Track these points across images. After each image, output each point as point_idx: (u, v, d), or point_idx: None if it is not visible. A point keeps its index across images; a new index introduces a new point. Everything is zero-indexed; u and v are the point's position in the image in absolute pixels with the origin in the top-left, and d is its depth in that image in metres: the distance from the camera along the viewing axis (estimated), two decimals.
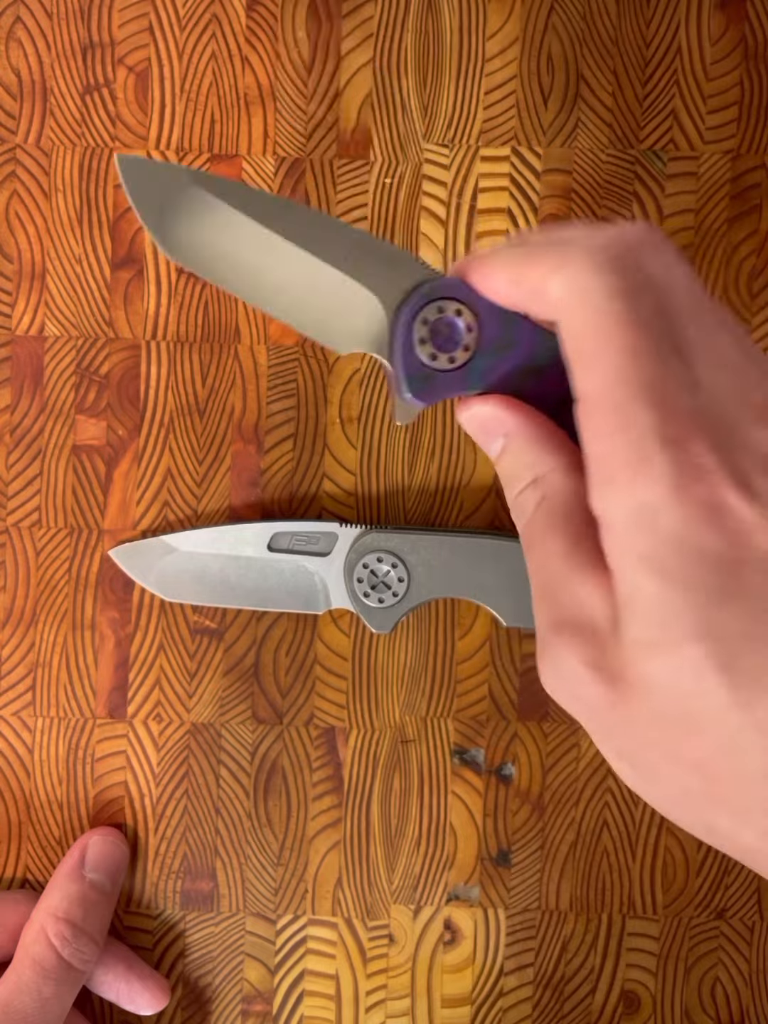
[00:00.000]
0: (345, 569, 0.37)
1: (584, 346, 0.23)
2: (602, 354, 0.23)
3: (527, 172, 0.38)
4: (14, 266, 0.38)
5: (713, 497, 0.21)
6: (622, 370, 0.22)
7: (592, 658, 0.23)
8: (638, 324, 0.23)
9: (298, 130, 0.38)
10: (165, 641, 0.38)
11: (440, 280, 0.28)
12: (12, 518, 0.38)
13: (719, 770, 0.21)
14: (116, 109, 0.38)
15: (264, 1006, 0.39)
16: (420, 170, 0.38)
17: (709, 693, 0.21)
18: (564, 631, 0.23)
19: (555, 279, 0.23)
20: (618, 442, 0.22)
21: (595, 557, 0.23)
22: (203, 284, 0.38)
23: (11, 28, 0.38)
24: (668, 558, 0.22)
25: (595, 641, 0.23)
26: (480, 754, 0.39)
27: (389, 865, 0.39)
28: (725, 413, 0.22)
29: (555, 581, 0.24)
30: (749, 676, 0.21)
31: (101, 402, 0.38)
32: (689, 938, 0.39)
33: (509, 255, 0.25)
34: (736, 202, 0.38)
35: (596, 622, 0.23)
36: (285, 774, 0.39)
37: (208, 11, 0.38)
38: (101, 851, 0.37)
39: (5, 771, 0.39)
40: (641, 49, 0.38)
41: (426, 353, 0.28)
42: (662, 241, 0.24)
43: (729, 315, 0.24)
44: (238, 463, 0.39)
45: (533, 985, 0.39)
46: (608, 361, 0.23)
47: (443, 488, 0.39)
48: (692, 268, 0.24)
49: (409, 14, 0.38)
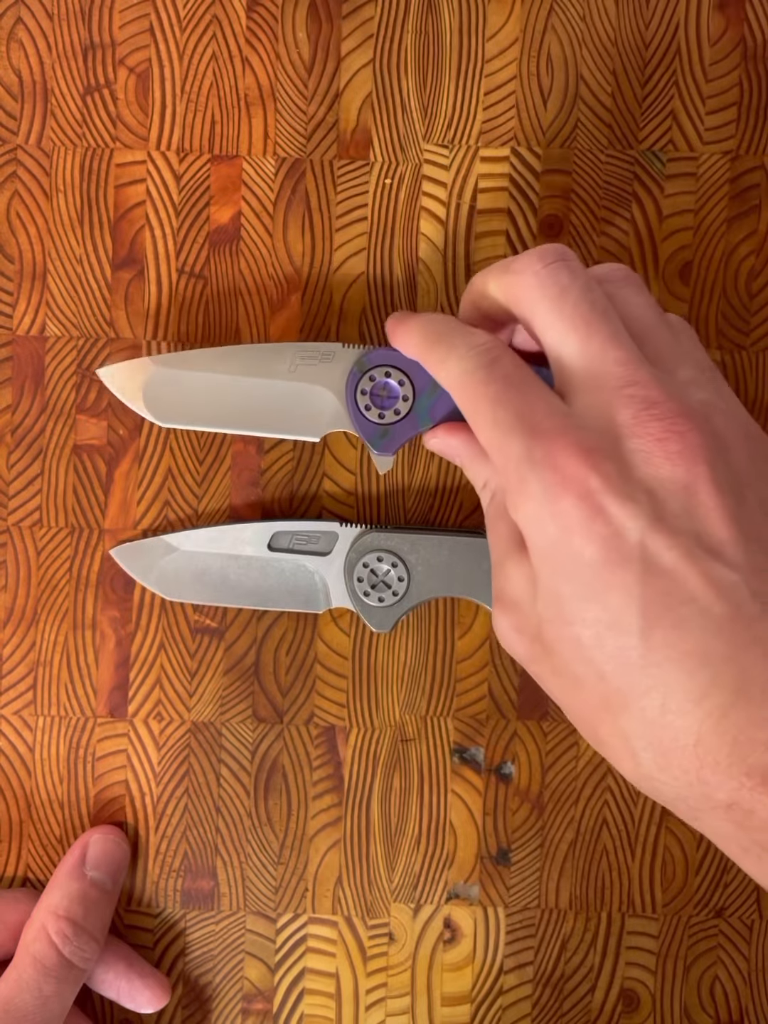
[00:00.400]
0: (345, 568, 0.37)
1: (466, 409, 0.30)
2: (476, 412, 0.29)
3: (527, 172, 0.38)
4: (15, 266, 0.38)
5: (586, 505, 0.26)
6: (494, 417, 0.29)
7: (517, 624, 0.29)
8: (493, 380, 0.29)
9: (298, 131, 0.38)
10: (166, 640, 0.39)
11: (367, 355, 0.35)
12: (13, 518, 0.38)
13: (598, 708, 0.28)
14: (117, 110, 0.38)
15: (264, 1004, 0.39)
16: (420, 170, 0.38)
17: (588, 663, 0.27)
18: (500, 601, 0.30)
19: (441, 371, 0.31)
20: (505, 471, 0.28)
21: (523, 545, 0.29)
22: (204, 284, 0.38)
23: (12, 29, 0.38)
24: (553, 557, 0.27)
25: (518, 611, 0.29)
26: (480, 753, 0.39)
27: (389, 864, 0.39)
28: (598, 428, 0.27)
29: (498, 561, 0.30)
30: (613, 655, 0.26)
31: (102, 402, 0.38)
32: (688, 937, 0.39)
33: (419, 335, 0.33)
34: (735, 202, 0.39)
35: (519, 596, 0.29)
36: (285, 773, 0.39)
37: (208, 12, 0.38)
38: (102, 849, 0.37)
39: (6, 770, 0.39)
40: (640, 50, 0.38)
41: (374, 415, 0.35)
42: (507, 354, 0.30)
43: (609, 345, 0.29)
44: (238, 463, 0.39)
45: (533, 983, 0.39)
46: (481, 415, 0.29)
47: (443, 488, 0.39)
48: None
49: (409, 15, 0.38)
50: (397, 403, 0.35)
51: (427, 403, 0.35)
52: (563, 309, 0.29)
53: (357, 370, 0.35)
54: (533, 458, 0.27)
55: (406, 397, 0.35)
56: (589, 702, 0.28)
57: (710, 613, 0.26)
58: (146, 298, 0.38)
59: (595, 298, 0.29)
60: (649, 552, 0.26)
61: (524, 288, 0.30)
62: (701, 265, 0.39)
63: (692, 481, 0.26)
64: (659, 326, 0.30)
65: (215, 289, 0.38)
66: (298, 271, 0.38)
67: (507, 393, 0.29)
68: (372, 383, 0.35)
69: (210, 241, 0.38)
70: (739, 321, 0.39)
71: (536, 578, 0.28)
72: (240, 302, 0.38)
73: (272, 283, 0.38)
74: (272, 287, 0.38)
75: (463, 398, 0.30)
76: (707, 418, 0.28)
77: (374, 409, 0.35)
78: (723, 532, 0.26)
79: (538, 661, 0.29)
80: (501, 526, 0.30)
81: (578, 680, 0.28)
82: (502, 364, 0.30)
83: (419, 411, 0.35)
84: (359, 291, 0.38)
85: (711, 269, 0.39)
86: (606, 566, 0.26)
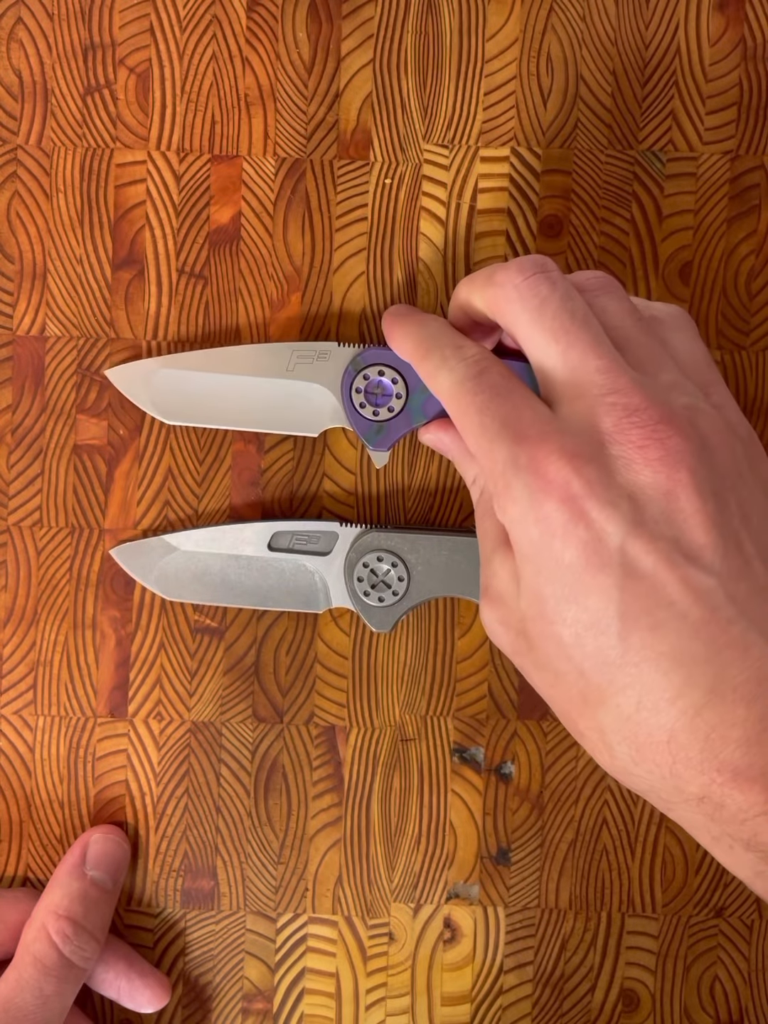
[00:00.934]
0: (345, 568, 0.37)
1: (456, 418, 0.31)
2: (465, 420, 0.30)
3: (527, 172, 0.38)
4: (15, 266, 0.38)
5: (568, 509, 0.27)
6: (481, 424, 0.29)
7: (502, 617, 0.30)
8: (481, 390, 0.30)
9: (298, 131, 0.38)
10: (166, 640, 0.39)
11: (361, 354, 0.36)
12: (13, 517, 0.39)
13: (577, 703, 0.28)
14: (117, 110, 0.38)
15: (264, 1004, 0.39)
16: (420, 170, 0.38)
17: (568, 660, 0.28)
18: (486, 595, 0.31)
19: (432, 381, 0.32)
20: (492, 475, 0.29)
21: (509, 543, 0.30)
22: (204, 285, 0.38)
23: (12, 29, 0.38)
24: (536, 559, 0.28)
25: (504, 605, 0.30)
26: (480, 753, 0.39)
27: (389, 863, 0.39)
28: (582, 435, 0.28)
29: (485, 556, 0.31)
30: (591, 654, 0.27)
31: (102, 402, 0.38)
32: (688, 936, 0.39)
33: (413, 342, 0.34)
34: (735, 202, 0.39)
35: (504, 591, 0.30)
36: (285, 772, 0.39)
37: (209, 12, 0.38)
38: (102, 849, 0.37)
39: (6, 769, 0.39)
40: (640, 50, 0.38)
41: (369, 412, 0.36)
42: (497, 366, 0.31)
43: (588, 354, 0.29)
44: (239, 463, 0.39)
45: (533, 983, 0.39)
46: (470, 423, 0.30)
47: (443, 488, 0.39)
48: None
49: (409, 15, 0.38)
50: (391, 400, 0.36)
51: (420, 400, 0.36)
52: (543, 320, 0.29)
53: (352, 369, 0.36)
54: (518, 463, 0.28)
55: (399, 395, 0.36)
56: (569, 696, 0.29)
57: (687, 617, 0.26)
58: (146, 298, 0.38)
59: (575, 307, 0.29)
60: (628, 557, 0.27)
61: (505, 301, 0.30)
62: (701, 265, 0.39)
63: (672, 487, 0.27)
64: (640, 332, 0.30)
65: (215, 289, 0.38)
66: (298, 271, 0.38)
67: (494, 402, 0.30)
68: (366, 381, 0.36)
69: (210, 241, 0.38)
70: (739, 321, 0.39)
71: (520, 577, 0.29)
72: (240, 302, 0.38)
73: (272, 283, 0.38)
74: (272, 287, 0.38)
75: (453, 407, 0.31)
76: (690, 422, 0.28)
77: (369, 406, 0.36)
78: (702, 537, 0.27)
79: (522, 654, 0.30)
80: (488, 523, 0.31)
81: (559, 675, 0.29)
82: (490, 375, 0.30)
83: (412, 408, 0.36)
84: (359, 291, 0.38)
85: (711, 269, 0.39)
86: (586, 569, 0.27)
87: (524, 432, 0.28)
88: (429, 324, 0.34)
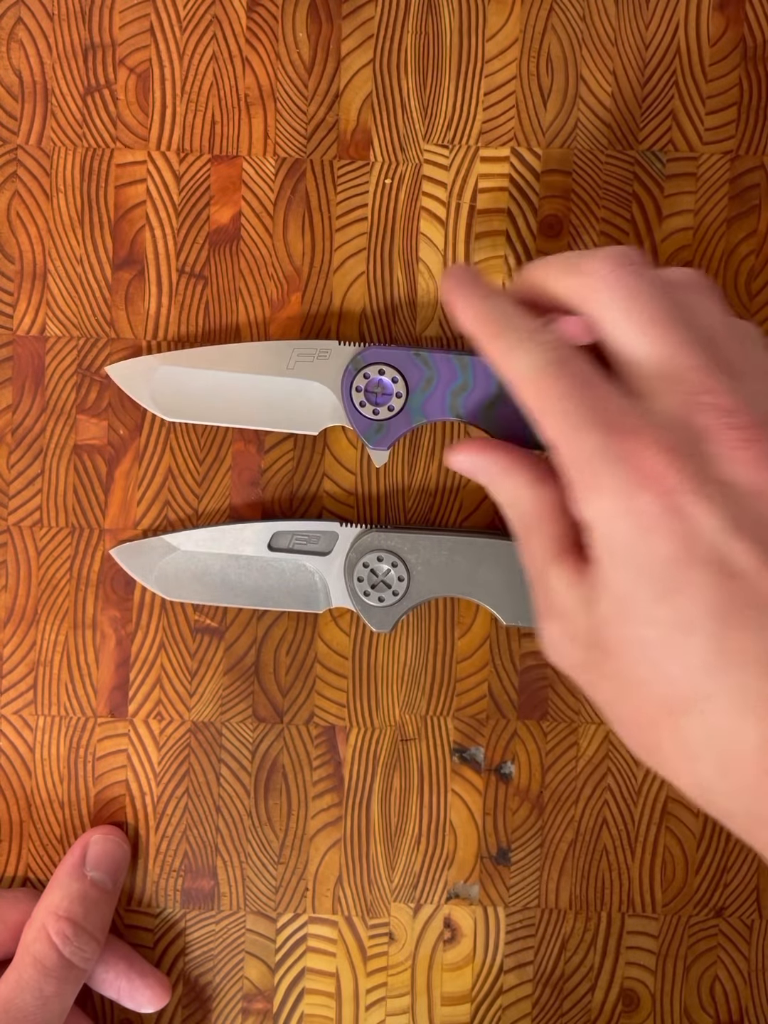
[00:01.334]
0: (345, 568, 0.37)
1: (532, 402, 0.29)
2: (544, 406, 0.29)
3: (527, 173, 0.38)
4: (15, 266, 0.38)
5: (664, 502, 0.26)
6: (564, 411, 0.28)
7: (569, 631, 0.29)
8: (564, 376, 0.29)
9: (298, 131, 0.38)
10: (166, 640, 0.39)
11: (362, 353, 0.36)
12: (13, 517, 0.39)
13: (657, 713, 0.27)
14: (117, 110, 0.38)
15: (264, 1004, 0.39)
16: (420, 170, 0.38)
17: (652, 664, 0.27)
18: (547, 612, 0.30)
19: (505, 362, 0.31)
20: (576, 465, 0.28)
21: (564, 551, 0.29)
22: (204, 285, 0.38)
23: (12, 29, 0.38)
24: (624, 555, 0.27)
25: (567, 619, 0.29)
26: (480, 753, 0.39)
27: (389, 863, 0.39)
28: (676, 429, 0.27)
29: (537, 575, 0.30)
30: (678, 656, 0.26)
31: (102, 402, 0.38)
32: (688, 936, 0.39)
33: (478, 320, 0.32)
34: (735, 202, 0.39)
35: (567, 603, 0.29)
36: (285, 772, 0.39)
37: (209, 12, 0.38)
38: (102, 849, 0.37)
39: (6, 769, 0.39)
40: (640, 50, 0.38)
41: (369, 412, 0.36)
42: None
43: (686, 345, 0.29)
44: (239, 463, 0.39)
45: (533, 983, 0.39)
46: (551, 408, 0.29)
47: (443, 488, 0.39)
48: None
49: (409, 15, 0.38)
50: (391, 400, 0.36)
51: (420, 399, 0.36)
52: (633, 313, 0.29)
53: (352, 367, 0.36)
54: (609, 453, 0.27)
55: (399, 394, 0.36)
56: (646, 707, 0.27)
57: None
58: (146, 298, 0.38)
59: (667, 303, 0.29)
60: (724, 554, 0.26)
61: (593, 291, 0.30)
62: (701, 265, 0.39)
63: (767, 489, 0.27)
64: (729, 334, 0.30)
65: (215, 289, 0.38)
66: (298, 271, 0.38)
67: (579, 389, 0.29)
68: (366, 380, 0.36)
69: (210, 241, 0.38)
70: None
71: (597, 579, 0.28)
72: (240, 302, 0.38)
73: (272, 283, 0.38)
74: (272, 287, 0.38)
75: (531, 391, 0.30)
76: None
77: (369, 405, 0.36)
78: None
79: (592, 667, 0.29)
80: (536, 540, 0.30)
81: (638, 683, 0.27)
82: (574, 362, 0.29)
83: (412, 407, 0.36)
84: (359, 291, 0.38)
85: (711, 269, 0.39)
86: (679, 565, 0.26)
87: (615, 422, 0.28)
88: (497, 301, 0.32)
